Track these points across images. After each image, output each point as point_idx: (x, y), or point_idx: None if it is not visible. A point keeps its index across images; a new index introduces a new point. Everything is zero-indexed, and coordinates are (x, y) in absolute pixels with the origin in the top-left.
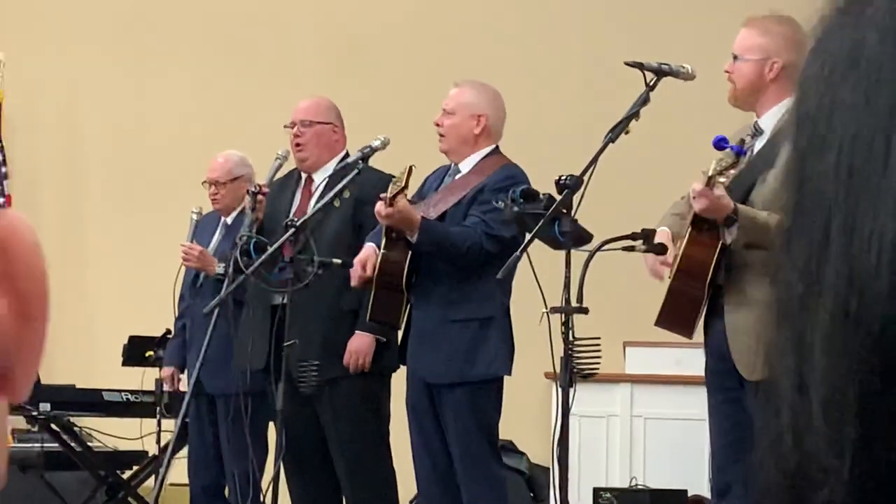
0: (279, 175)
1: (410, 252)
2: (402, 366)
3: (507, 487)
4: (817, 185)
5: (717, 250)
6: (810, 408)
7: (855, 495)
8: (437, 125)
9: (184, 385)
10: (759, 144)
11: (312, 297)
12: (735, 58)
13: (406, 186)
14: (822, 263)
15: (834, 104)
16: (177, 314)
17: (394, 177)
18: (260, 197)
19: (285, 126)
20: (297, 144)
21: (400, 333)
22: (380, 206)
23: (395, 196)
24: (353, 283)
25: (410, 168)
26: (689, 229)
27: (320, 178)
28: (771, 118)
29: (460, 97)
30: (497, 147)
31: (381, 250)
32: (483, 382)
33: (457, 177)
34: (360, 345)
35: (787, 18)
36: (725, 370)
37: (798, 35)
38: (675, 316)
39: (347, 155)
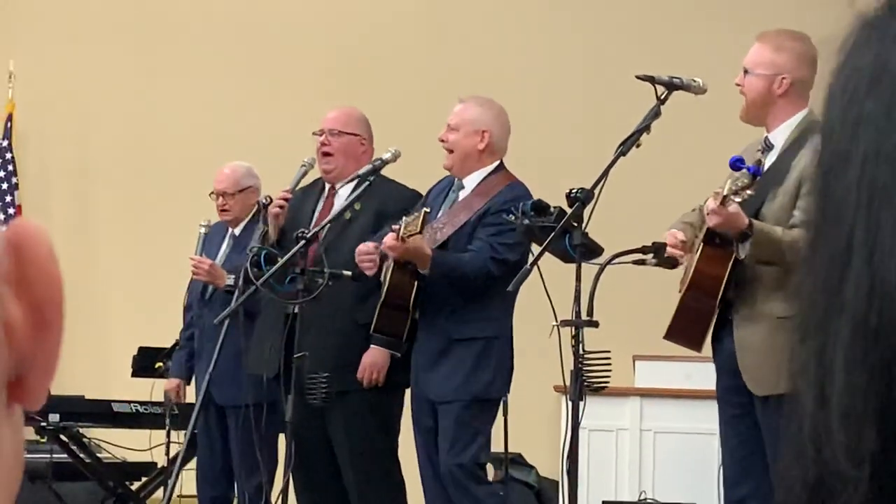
0: (304, 182)
1: (418, 278)
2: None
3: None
4: (840, 199)
5: (729, 266)
6: (830, 420)
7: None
8: (442, 141)
9: (190, 397)
10: (769, 160)
11: (327, 309)
12: (746, 71)
13: (420, 232)
14: (843, 277)
15: (857, 119)
16: (183, 325)
17: (416, 192)
18: (282, 203)
19: (314, 133)
20: (325, 154)
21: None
22: (389, 240)
23: (411, 236)
24: (370, 271)
25: (425, 213)
26: (702, 245)
27: (345, 189)
28: (781, 133)
29: (464, 113)
30: (501, 163)
31: (389, 272)
32: (479, 401)
33: (461, 194)
34: (374, 359)
35: (800, 35)
36: (735, 386)
37: (810, 52)
38: (684, 330)
39: None
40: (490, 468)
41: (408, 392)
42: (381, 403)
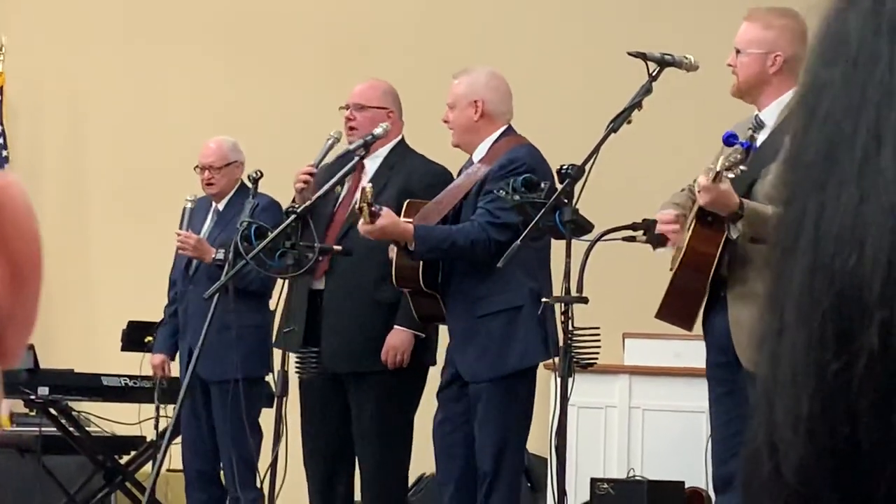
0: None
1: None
2: (435, 364)
3: (521, 484)
4: (804, 166)
5: (721, 244)
6: (778, 382)
7: (802, 465)
8: (446, 122)
9: (174, 372)
10: (761, 138)
11: (347, 288)
12: (738, 52)
13: (362, 207)
14: (798, 240)
15: (822, 86)
16: (168, 301)
17: (444, 168)
18: (306, 178)
19: (340, 108)
20: (350, 129)
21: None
22: (360, 224)
23: (371, 215)
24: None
25: (363, 190)
26: (694, 223)
27: (372, 163)
28: (773, 111)
29: (456, 89)
30: (509, 128)
31: (395, 258)
32: (517, 374)
33: (470, 169)
34: (398, 341)
35: (790, 11)
36: (726, 363)
37: (800, 28)
38: (676, 309)
39: (402, 140)
40: None
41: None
42: (402, 384)
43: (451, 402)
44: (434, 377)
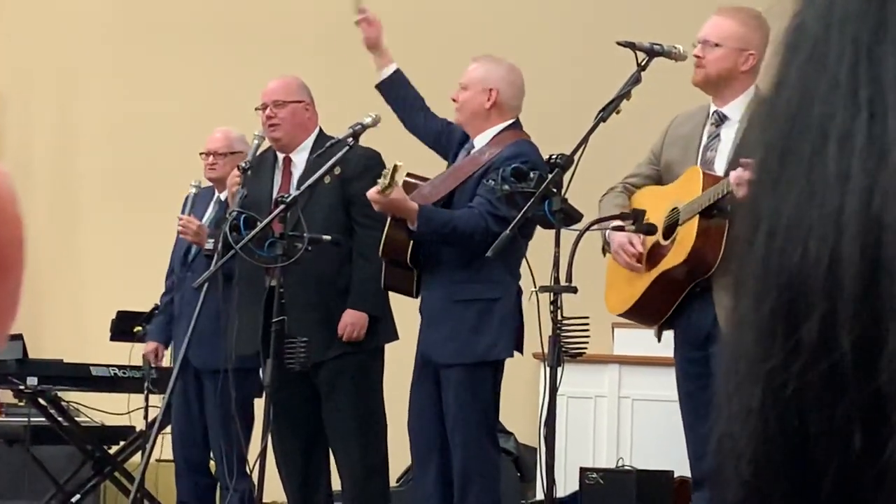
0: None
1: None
2: (398, 339)
3: (499, 472)
4: (762, 162)
5: (724, 237)
6: (737, 375)
7: (754, 457)
8: (454, 100)
9: (167, 361)
10: (724, 131)
11: (307, 276)
12: (709, 43)
13: (389, 185)
14: (755, 239)
15: (781, 84)
16: (165, 289)
17: (372, 150)
18: (240, 179)
19: (256, 108)
20: (272, 125)
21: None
22: (371, 192)
23: (384, 190)
24: None
25: (395, 167)
26: (697, 219)
27: (299, 157)
28: (737, 107)
29: (474, 72)
30: (516, 122)
31: (387, 228)
32: (483, 364)
33: (472, 152)
34: (354, 318)
35: (759, 13)
36: (700, 358)
37: (769, 30)
38: (650, 308)
39: (321, 132)
40: None
41: (403, 352)
42: (366, 366)
43: (424, 394)
44: (407, 364)
